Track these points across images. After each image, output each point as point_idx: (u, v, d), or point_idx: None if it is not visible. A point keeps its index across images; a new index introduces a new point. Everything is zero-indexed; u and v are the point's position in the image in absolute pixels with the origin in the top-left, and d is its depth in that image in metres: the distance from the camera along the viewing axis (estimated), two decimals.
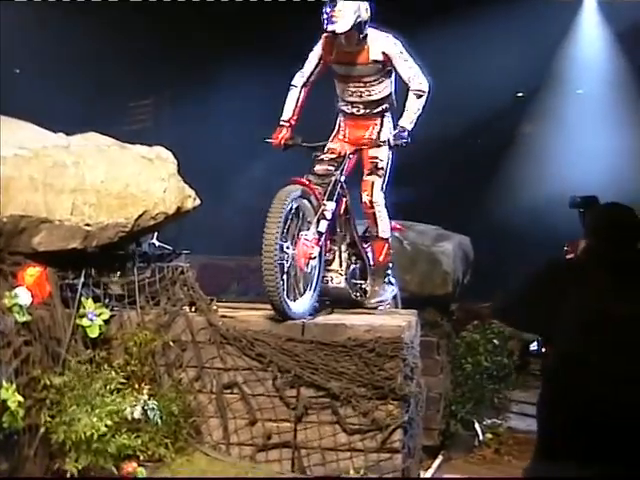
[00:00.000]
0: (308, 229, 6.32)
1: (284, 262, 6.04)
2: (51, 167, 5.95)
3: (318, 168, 6.62)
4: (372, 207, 6.86)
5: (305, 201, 6.33)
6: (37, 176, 5.85)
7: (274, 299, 5.95)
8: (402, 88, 6.85)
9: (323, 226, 6.40)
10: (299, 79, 6.91)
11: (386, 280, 7.13)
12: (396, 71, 6.76)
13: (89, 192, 6.02)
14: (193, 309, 6.23)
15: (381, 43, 6.72)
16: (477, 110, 11.01)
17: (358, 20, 6.55)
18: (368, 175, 6.87)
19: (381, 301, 7.04)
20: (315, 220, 6.35)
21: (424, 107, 6.76)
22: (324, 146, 6.77)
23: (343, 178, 6.68)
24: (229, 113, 10.78)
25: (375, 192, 6.85)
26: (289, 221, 6.17)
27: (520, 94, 12.07)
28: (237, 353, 5.97)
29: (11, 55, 10.23)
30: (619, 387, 3.87)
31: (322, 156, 6.67)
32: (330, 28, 6.56)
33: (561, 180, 10.69)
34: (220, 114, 10.94)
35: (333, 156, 6.68)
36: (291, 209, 6.16)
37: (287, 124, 6.83)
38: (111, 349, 5.93)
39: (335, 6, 6.54)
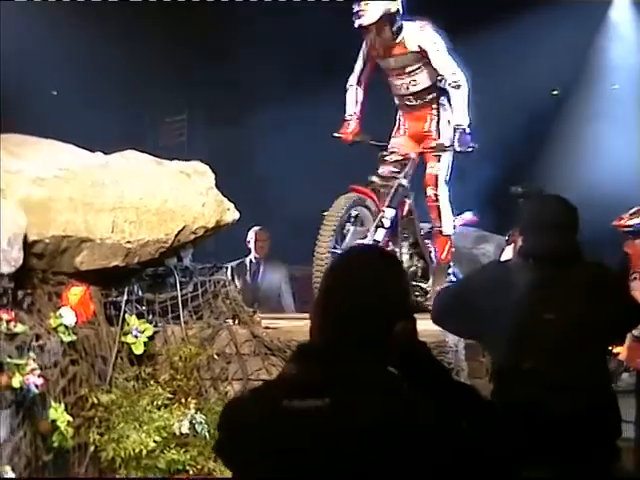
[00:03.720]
0: (365, 237, 6.32)
1: None
2: (90, 186, 5.98)
3: (382, 170, 6.63)
4: (437, 200, 6.82)
5: (364, 209, 6.33)
6: (76, 196, 5.89)
7: None
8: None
9: (380, 234, 6.39)
10: (352, 78, 7.00)
11: (447, 280, 6.97)
12: (431, 64, 6.76)
13: (128, 209, 6.05)
14: (236, 321, 6.24)
15: (416, 35, 6.75)
16: (514, 110, 10.94)
17: (386, 11, 6.56)
18: (431, 168, 6.84)
19: None
20: (373, 227, 6.35)
21: (469, 98, 6.72)
22: (389, 145, 6.77)
23: (406, 182, 6.65)
24: (265, 127, 10.80)
25: (440, 185, 6.81)
26: (345, 229, 6.18)
27: (555, 92, 11.99)
28: (282, 364, 5.96)
29: (48, 77, 10.35)
30: (549, 392, 3.78)
31: (387, 157, 6.66)
32: (357, 22, 6.61)
33: (596, 178, 10.61)
34: (256, 127, 10.97)
35: (398, 158, 6.68)
36: (349, 217, 6.18)
37: (354, 117, 6.87)
38: (156, 365, 5.95)
39: (362, 0, 6.57)
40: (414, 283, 6.84)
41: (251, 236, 9.22)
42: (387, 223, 6.43)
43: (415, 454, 2.34)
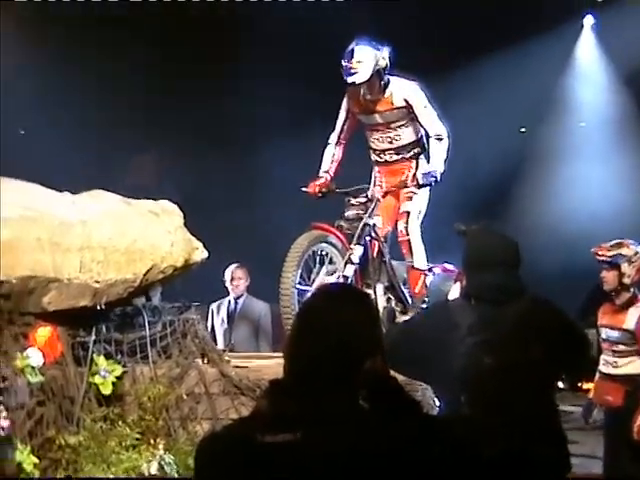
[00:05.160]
0: (333, 273, 6.33)
1: None
2: (57, 226, 5.96)
3: (348, 213, 6.64)
4: (407, 234, 6.83)
5: (329, 246, 6.35)
6: (44, 236, 5.87)
7: None
8: None
9: (349, 270, 6.40)
10: (333, 136, 7.03)
11: None
12: (416, 118, 6.81)
13: (96, 249, 6.03)
14: (205, 361, 6.22)
15: (403, 90, 6.78)
16: (481, 148, 11.03)
17: (377, 68, 6.60)
18: (403, 207, 6.87)
19: None
20: (342, 264, 6.37)
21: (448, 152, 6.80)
22: (357, 191, 6.78)
23: (372, 221, 6.67)
24: (234, 165, 10.84)
25: (410, 221, 6.83)
26: (312, 266, 6.20)
27: (523, 129, 12.10)
28: (251, 403, 5.93)
29: (15, 116, 10.31)
30: (490, 435, 3.76)
31: (353, 201, 6.69)
32: (350, 80, 6.61)
33: (564, 215, 10.71)
34: (225, 167, 10.99)
35: (363, 200, 6.69)
36: (313, 254, 6.19)
37: (326, 175, 6.89)
38: (125, 405, 5.92)
39: (352, 57, 6.59)
40: (394, 324, 6.84)
41: (227, 275, 9.17)
42: (356, 259, 6.45)
43: None
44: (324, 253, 6.35)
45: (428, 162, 6.90)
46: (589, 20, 11.77)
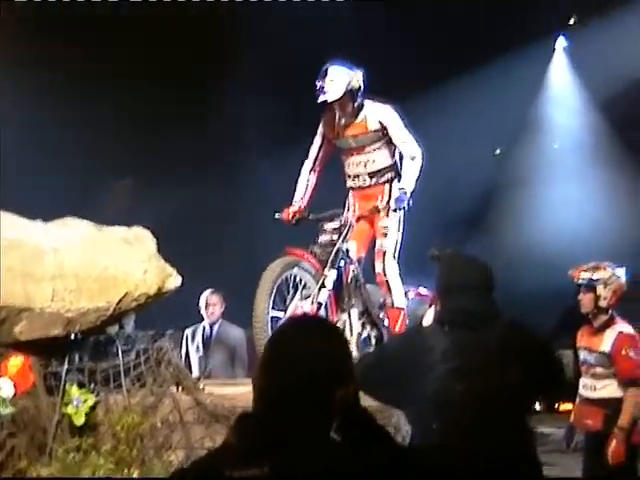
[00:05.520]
0: (307, 297, 6.31)
1: None
2: (29, 255, 5.92)
3: (322, 239, 6.62)
4: (385, 275, 6.80)
5: (302, 271, 6.33)
6: (15, 264, 5.83)
7: None
8: None
9: (323, 295, 6.38)
10: (307, 163, 7.01)
11: None
12: (391, 139, 6.82)
13: (69, 277, 5.99)
14: (180, 389, 6.18)
15: (378, 113, 6.78)
16: (457, 170, 11.06)
17: (349, 88, 6.59)
18: (379, 245, 6.85)
19: None
20: (316, 289, 6.34)
21: (420, 172, 6.79)
22: (331, 216, 6.76)
23: (346, 246, 6.64)
24: (210, 189, 10.82)
25: (387, 261, 6.81)
26: (285, 292, 6.18)
27: (498, 151, 12.16)
28: (226, 431, 5.88)
29: None
30: (463, 462, 3.74)
31: (326, 226, 6.67)
32: (321, 98, 6.61)
33: (540, 236, 10.73)
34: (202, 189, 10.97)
35: (337, 225, 6.67)
36: (286, 279, 6.17)
37: (299, 202, 6.88)
38: (98, 435, 5.85)
39: (326, 76, 6.59)
40: (367, 350, 6.81)
41: (202, 301, 9.11)
42: (329, 284, 6.43)
43: None
44: (298, 279, 6.33)
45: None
46: (561, 42, 11.85)
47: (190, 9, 9.84)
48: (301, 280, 6.35)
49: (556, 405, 8.74)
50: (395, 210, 6.74)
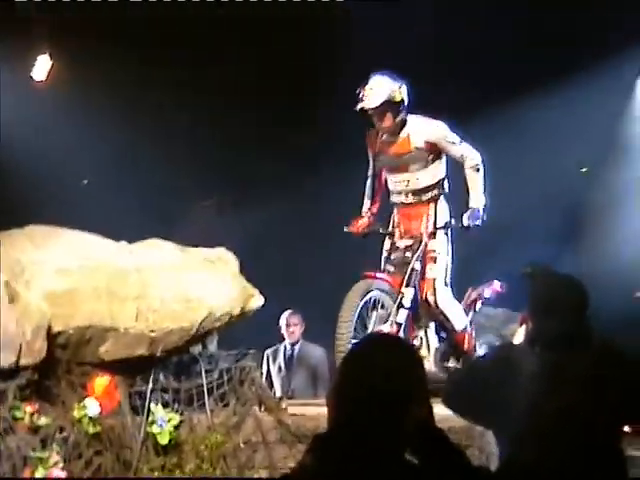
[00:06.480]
0: (387, 321, 6.26)
1: None
2: (114, 276, 6.01)
3: (395, 256, 6.55)
4: (437, 307, 6.63)
5: (381, 293, 6.27)
6: (100, 285, 5.92)
7: None
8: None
9: (402, 316, 6.32)
10: (371, 169, 6.90)
11: None
12: (446, 154, 6.67)
13: (152, 298, 6.06)
14: (262, 408, 6.19)
15: (423, 131, 6.59)
16: (543, 188, 10.90)
17: (389, 98, 6.43)
18: (429, 271, 6.64)
19: None
20: (394, 309, 6.29)
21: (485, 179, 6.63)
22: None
23: (419, 265, 6.56)
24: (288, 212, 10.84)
25: (438, 290, 6.63)
26: (366, 317, 6.14)
27: (584, 169, 11.95)
28: None
29: (78, 167, 10.48)
30: None
31: (398, 243, 6.59)
32: (359, 106, 6.45)
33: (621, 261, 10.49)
34: (285, 211, 11.00)
35: (409, 242, 6.59)
36: (365, 304, 6.12)
37: (368, 213, 6.81)
38: (182, 454, 5.89)
39: (366, 84, 6.46)
40: (444, 364, 6.74)
41: (282, 321, 9.15)
42: (407, 303, 6.36)
43: None
44: (376, 301, 6.26)
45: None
46: None
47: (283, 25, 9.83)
48: (379, 301, 6.29)
49: None
50: (468, 227, 6.55)
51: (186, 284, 6.23)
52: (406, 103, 6.54)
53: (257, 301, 6.57)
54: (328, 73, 9.46)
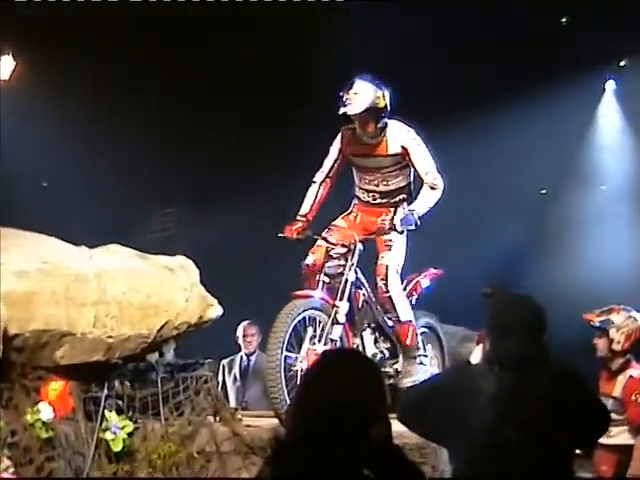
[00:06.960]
0: (321, 338, 6.20)
1: (296, 377, 5.94)
2: (73, 280, 5.97)
3: (329, 265, 6.51)
4: (387, 292, 6.64)
5: (314, 311, 6.22)
6: (59, 290, 5.87)
7: (279, 412, 5.91)
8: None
9: (337, 332, 6.24)
10: (319, 175, 6.86)
11: (417, 361, 6.86)
12: (412, 165, 6.68)
13: (111, 304, 6.03)
14: (217, 419, 6.17)
15: (401, 136, 6.64)
16: (501, 208, 10.97)
17: (373, 104, 6.45)
18: (382, 259, 6.68)
19: (414, 381, 6.74)
20: (329, 325, 6.24)
21: (437, 203, 6.65)
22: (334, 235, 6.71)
23: (353, 276, 6.53)
24: (252, 219, 10.81)
25: (390, 276, 6.64)
26: (301, 333, 6.11)
27: (543, 191, 12.04)
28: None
29: (38, 169, 10.40)
30: None
31: (332, 252, 6.58)
32: (342, 110, 6.45)
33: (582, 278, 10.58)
34: (244, 220, 10.98)
35: (343, 250, 6.58)
36: (296, 325, 6.07)
37: (303, 219, 6.78)
38: (135, 462, 5.86)
39: (350, 89, 6.47)
40: (384, 369, 6.72)
41: (239, 331, 9.11)
42: (342, 318, 6.30)
43: None
44: (310, 320, 6.22)
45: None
46: (611, 84, 11.74)
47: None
48: (313, 319, 6.24)
49: None
50: (402, 232, 6.59)
51: (145, 291, 6.20)
52: (388, 109, 6.60)
53: (215, 310, 6.57)
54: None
